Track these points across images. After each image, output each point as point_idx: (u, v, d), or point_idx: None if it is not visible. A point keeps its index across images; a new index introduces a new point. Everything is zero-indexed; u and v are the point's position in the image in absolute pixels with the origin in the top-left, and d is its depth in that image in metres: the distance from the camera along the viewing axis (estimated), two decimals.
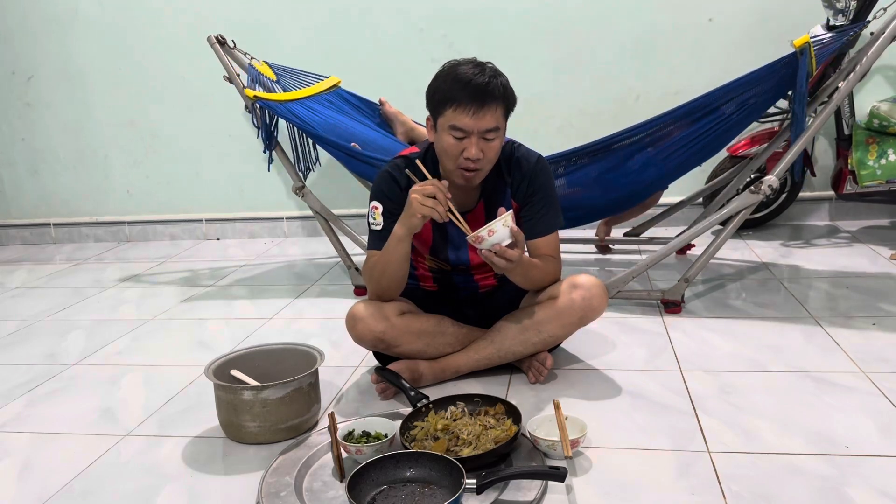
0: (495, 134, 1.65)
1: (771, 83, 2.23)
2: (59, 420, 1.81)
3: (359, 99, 3.01)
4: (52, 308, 2.82)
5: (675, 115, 2.30)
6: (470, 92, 1.60)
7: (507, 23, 3.37)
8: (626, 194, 2.55)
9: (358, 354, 2.05)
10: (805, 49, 2.12)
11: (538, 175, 1.79)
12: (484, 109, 1.61)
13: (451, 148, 1.66)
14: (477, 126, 1.62)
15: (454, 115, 1.62)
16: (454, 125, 1.63)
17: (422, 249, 1.89)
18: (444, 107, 1.64)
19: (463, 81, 1.61)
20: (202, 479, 1.49)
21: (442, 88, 1.65)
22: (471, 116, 1.61)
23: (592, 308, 1.77)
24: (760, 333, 2.08)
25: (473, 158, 1.64)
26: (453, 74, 1.64)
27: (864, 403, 1.62)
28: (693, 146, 2.33)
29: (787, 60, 2.17)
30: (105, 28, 3.74)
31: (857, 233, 3.14)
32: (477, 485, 1.28)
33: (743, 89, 2.23)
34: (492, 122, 1.63)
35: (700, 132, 2.30)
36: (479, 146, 1.64)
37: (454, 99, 1.61)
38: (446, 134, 1.65)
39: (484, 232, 1.57)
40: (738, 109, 2.26)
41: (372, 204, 1.80)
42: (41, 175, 4.06)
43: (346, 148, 2.61)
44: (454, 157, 1.66)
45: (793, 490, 1.31)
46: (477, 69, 1.63)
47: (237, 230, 3.94)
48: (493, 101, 1.61)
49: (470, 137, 1.63)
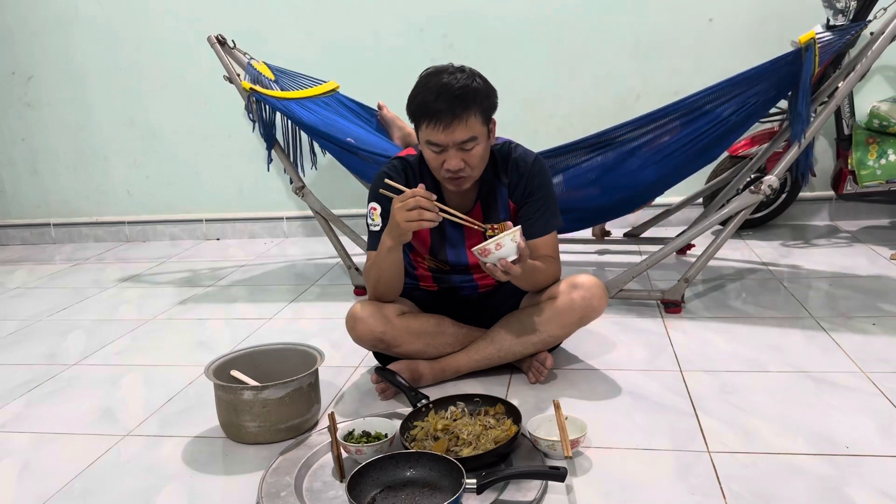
0: (473, 143, 1.63)
1: (772, 81, 2.20)
2: (59, 420, 1.81)
3: (356, 104, 3.01)
4: (52, 308, 2.82)
5: (676, 108, 2.26)
6: (439, 107, 1.58)
7: (507, 23, 3.37)
8: (626, 196, 2.54)
9: (358, 354, 2.04)
10: (810, 45, 2.11)
11: (535, 175, 1.79)
12: (455, 123, 1.59)
13: (433, 160, 1.67)
14: (450, 140, 1.61)
15: (427, 132, 1.62)
16: (429, 140, 1.63)
17: (421, 250, 1.89)
18: (418, 122, 1.65)
19: (432, 96, 1.59)
20: (202, 479, 1.49)
21: (414, 103, 1.65)
22: (442, 132, 1.60)
23: (592, 308, 1.77)
24: (760, 333, 2.08)
25: (454, 170, 1.64)
26: (423, 88, 1.63)
27: (864, 403, 1.62)
28: (693, 147, 2.30)
29: (792, 57, 2.15)
30: (105, 28, 3.75)
31: (857, 233, 3.14)
32: (477, 485, 1.28)
33: (746, 85, 2.20)
34: (465, 134, 1.61)
35: (700, 132, 2.27)
36: (458, 157, 1.63)
37: (424, 115, 1.61)
38: (426, 148, 1.67)
39: (491, 245, 1.54)
40: (739, 109, 2.24)
41: (370, 205, 1.80)
42: (41, 175, 4.06)
43: (340, 141, 2.60)
44: (437, 168, 1.68)
45: (793, 490, 1.31)
46: (448, 78, 1.61)
47: (237, 230, 3.94)
48: (464, 111, 1.59)
49: (447, 150, 1.63)
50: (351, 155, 2.62)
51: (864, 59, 2.25)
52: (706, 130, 2.27)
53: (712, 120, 2.26)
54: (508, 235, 1.54)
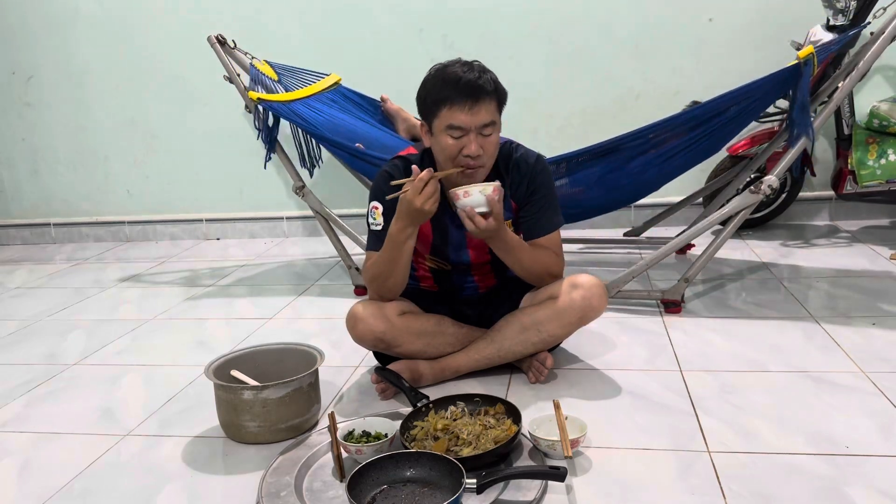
0: (492, 129, 1.66)
1: (771, 86, 2.24)
2: (59, 420, 1.81)
3: (360, 96, 3.01)
4: (52, 308, 2.82)
5: (680, 121, 2.32)
6: (462, 89, 1.61)
7: (507, 22, 3.37)
8: (627, 194, 2.57)
9: (358, 354, 2.04)
10: (809, 60, 2.14)
11: (537, 175, 1.80)
12: (479, 105, 1.62)
13: (451, 148, 1.66)
14: (474, 122, 1.63)
15: (450, 114, 1.63)
16: (451, 124, 1.64)
17: (422, 250, 1.89)
18: (438, 108, 1.65)
19: (453, 80, 1.62)
20: (202, 479, 1.49)
21: (433, 91, 1.66)
22: (466, 113, 1.62)
23: (592, 308, 1.77)
24: (760, 333, 2.08)
25: (474, 155, 1.65)
26: (442, 76, 1.65)
27: (864, 403, 1.62)
28: (694, 148, 2.35)
29: (791, 71, 2.18)
30: (105, 28, 3.74)
31: (857, 233, 3.14)
32: (477, 484, 1.28)
33: (746, 97, 2.24)
34: (487, 117, 1.64)
35: (701, 136, 2.31)
36: (477, 142, 1.64)
37: (447, 98, 1.63)
38: (443, 135, 1.66)
39: (460, 191, 1.62)
40: (739, 112, 2.27)
41: (372, 204, 1.80)
42: (41, 175, 4.06)
43: (350, 148, 2.61)
44: (454, 156, 1.67)
45: (793, 490, 1.31)
46: (465, 67, 1.65)
47: (237, 230, 3.94)
48: (485, 95, 1.63)
49: (468, 134, 1.64)
50: (358, 160, 2.63)
51: (864, 59, 2.25)
52: (707, 133, 2.31)
53: (714, 123, 2.29)
54: (478, 187, 1.61)
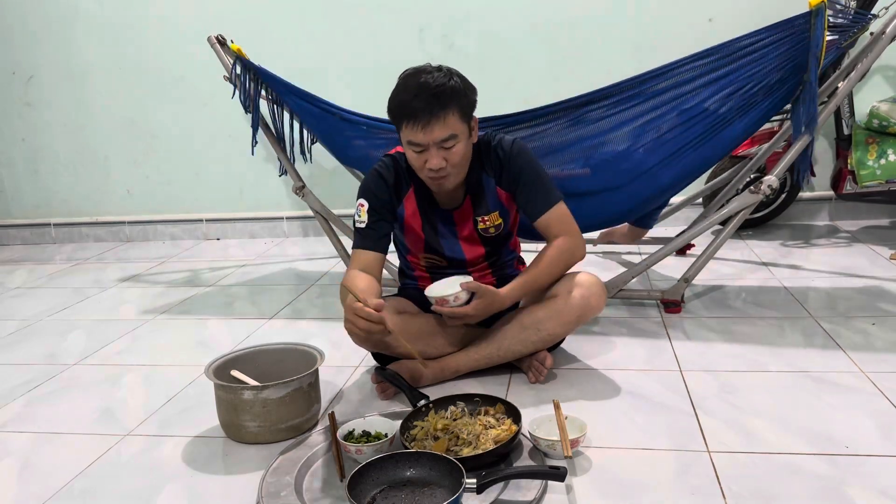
0: (453, 141, 1.66)
1: (775, 60, 2.12)
2: (59, 420, 1.81)
3: None
4: (52, 308, 2.82)
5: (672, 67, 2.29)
6: (416, 107, 1.61)
7: (507, 23, 3.37)
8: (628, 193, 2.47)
9: (358, 354, 2.04)
10: (820, 9, 2.02)
11: (516, 157, 1.79)
12: (433, 121, 1.61)
13: (415, 161, 1.69)
14: (430, 138, 1.63)
15: (407, 132, 1.65)
16: (410, 140, 1.66)
17: (416, 249, 1.89)
18: (398, 123, 1.67)
19: (409, 96, 1.62)
20: (202, 479, 1.49)
21: (392, 108, 1.68)
22: (421, 130, 1.62)
23: (591, 306, 1.77)
24: (760, 333, 2.08)
25: (435, 168, 1.66)
26: (400, 90, 1.66)
27: (864, 403, 1.62)
28: (696, 146, 2.22)
29: (800, 23, 2.06)
30: (105, 28, 3.75)
31: (857, 233, 3.14)
32: (477, 484, 1.28)
33: (742, 56, 2.14)
34: (444, 132, 1.63)
35: (703, 130, 2.19)
36: (439, 156, 1.65)
37: (403, 116, 1.64)
38: (407, 148, 1.69)
39: (435, 307, 1.72)
40: (740, 107, 2.19)
41: (359, 201, 1.82)
42: (41, 175, 4.06)
43: (334, 108, 2.52)
44: (420, 168, 1.70)
45: (793, 490, 1.31)
46: (426, 77, 1.64)
47: (237, 230, 3.94)
48: (441, 110, 1.61)
49: (428, 150, 1.65)
50: (346, 123, 2.51)
51: (864, 59, 2.25)
52: (708, 131, 2.20)
53: (714, 112, 2.18)
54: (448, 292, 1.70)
